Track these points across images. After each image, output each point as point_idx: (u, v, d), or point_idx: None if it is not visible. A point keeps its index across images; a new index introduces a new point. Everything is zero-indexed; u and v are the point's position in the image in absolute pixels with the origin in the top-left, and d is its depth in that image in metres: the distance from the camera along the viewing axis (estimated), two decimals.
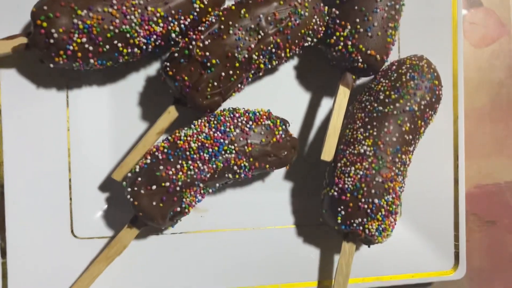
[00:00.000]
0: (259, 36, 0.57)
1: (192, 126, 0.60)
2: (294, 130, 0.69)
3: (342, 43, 0.61)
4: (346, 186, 0.59)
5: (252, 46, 0.57)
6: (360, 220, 0.59)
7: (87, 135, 0.63)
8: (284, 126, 0.62)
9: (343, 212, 0.59)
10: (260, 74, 0.63)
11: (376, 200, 0.58)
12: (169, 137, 0.60)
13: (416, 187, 0.68)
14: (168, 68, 0.58)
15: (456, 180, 0.69)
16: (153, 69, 0.65)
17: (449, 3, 0.69)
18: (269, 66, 0.62)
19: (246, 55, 0.58)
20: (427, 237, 0.69)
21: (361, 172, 0.59)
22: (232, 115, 0.60)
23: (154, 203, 0.56)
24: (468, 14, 0.76)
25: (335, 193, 0.60)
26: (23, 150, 0.60)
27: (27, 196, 0.60)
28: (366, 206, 0.58)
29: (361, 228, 0.59)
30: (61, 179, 0.62)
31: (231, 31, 0.57)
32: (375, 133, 0.60)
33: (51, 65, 0.55)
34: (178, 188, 0.56)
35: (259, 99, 0.67)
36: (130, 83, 0.65)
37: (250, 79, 0.63)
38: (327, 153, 0.62)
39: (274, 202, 0.68)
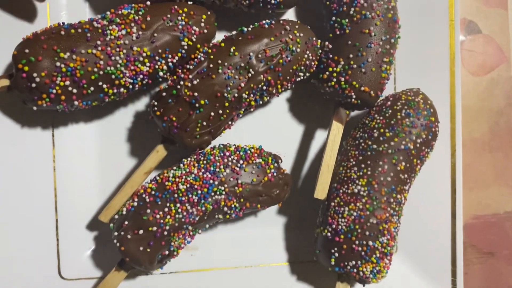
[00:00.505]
0: (249, 75, 0.56)
1: (181, 165, 0.58)
2: (287, 164, 0.67)
3: (335, 79, 0.59)
4: (340, 227, 0.58)
5: (242, 85, 0.56)
6: (354, 262, 0.57)
7: (73, 175, 0.62)
8: (276, 164, 0.60)
9: (336, 254, 0.58)
10: (251, 110, 0.61)
11: (370, 242, 0.57)
12: (157, 177, 0.58)
13: (413, 222, 0.66)
14: (155, 108, 0.56)
15: (453, 214, 0.67)
16: (141, 104, 0.64)
17: (446, 31, 0.66)
18: (260, 102, 0.60)
19: (236, 94, 0.56)
20: (424, 273, 0.67)
21: (355, 213, 0.57)
22: (222, 154, 0.59)
23: (141, 248, 0.55)
24: (466, 41, 0.74)
25: (329, 234, 0.58)
26: (9, 191, 0.59)
27: (13, 237, 0.59)
28: (360, 248, 0.57)
29: (355, 270, 0.57)
30: (48, 219, 0.61)
31: (220, 70, 0.55)
32: (369, 173, 0.58)
33: (34, 108, 0.53)
34: (166, 233, 0.55)
35: (250, 132, 0.66)
36: (117, 119, 0.63)
37: (241, 115, 0.61)
38: (320, 192, 0.60)
39: (267, 239, 0.66)
